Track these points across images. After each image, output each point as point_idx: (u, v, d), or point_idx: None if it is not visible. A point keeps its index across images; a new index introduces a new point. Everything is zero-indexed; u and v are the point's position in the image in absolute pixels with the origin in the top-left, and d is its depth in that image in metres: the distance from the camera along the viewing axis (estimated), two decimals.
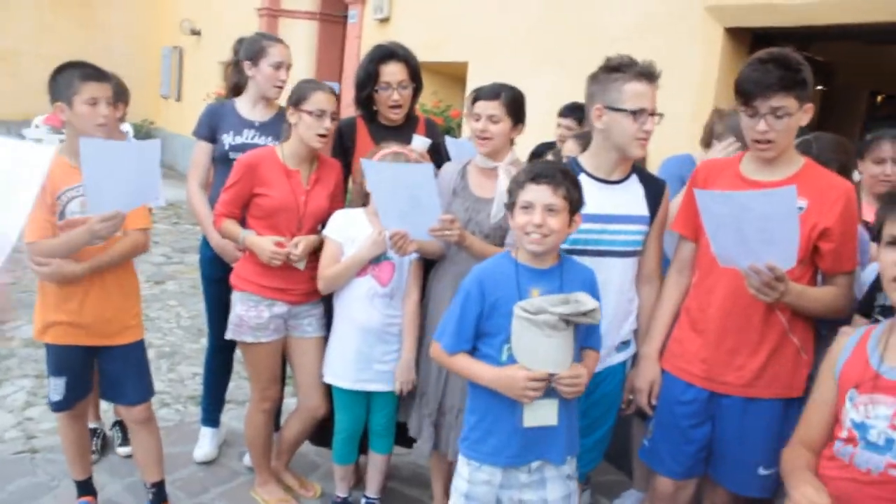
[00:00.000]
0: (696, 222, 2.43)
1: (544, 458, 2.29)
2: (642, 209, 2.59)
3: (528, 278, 2.23)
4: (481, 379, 2.23)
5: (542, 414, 2.21)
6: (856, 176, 2.96)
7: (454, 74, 6.89)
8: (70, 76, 2.65)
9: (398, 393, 3.01)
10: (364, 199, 3.01)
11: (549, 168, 2.22)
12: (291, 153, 3.01)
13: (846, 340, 1.77)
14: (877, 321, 2.17)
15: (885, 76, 7.52)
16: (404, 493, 3.58)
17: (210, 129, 3.44)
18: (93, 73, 2.67)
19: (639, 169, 2.67)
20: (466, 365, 2.27)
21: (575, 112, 3.82)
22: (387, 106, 3.22)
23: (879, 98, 7.97)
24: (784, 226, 2.07)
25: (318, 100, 2.91)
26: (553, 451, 2.29)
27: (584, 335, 2.27)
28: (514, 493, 2.31)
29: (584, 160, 2.61)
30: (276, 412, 3.47)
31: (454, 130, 6.43)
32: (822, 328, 2.44)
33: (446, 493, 3.24)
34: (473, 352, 2.29)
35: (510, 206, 2.24)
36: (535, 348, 2.12)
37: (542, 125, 3.89)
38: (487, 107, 2.82)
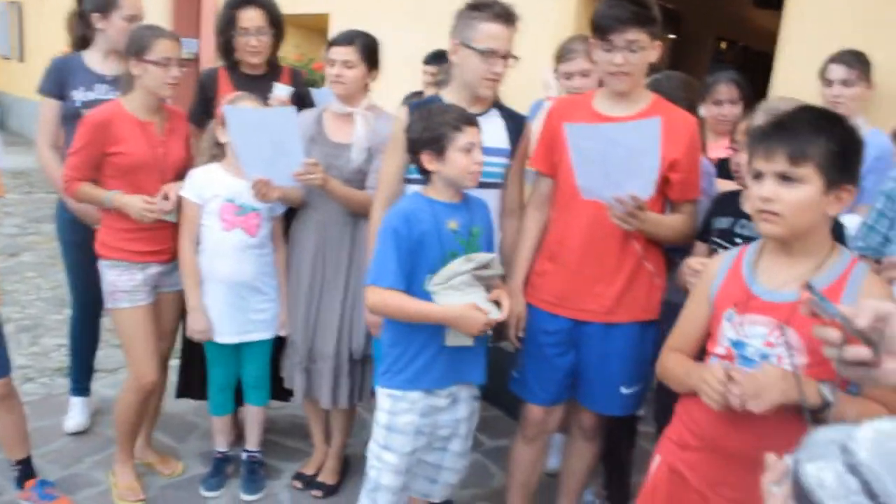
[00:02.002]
0: (554, 158, 2.53)
1: (464, 380, 2.44)
2: (503, 142, 2.64)
3: (443, 212, 2.31)
4: (441, 317, 2.27)
5: (463, 334, 2.33)
6: (701, 112, 3.14)
7: (315, 27, 6.76)
8: None
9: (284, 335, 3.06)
10: (218, 152, 2.95)
11: None
12: (140, 105, 2.85)
13: (718, 263, 1.88)
14: (714, 243, 2.36)
15: (729, 23, 7.94)
16: (284, 445, 3.61)
17: (58, 84, 3.23)
18: None
19: (499, 104, 2.72)
20: (421, 307, 2.27)
21: (439, 59, 3.87)
22: (245, 51, 3.14)
23: (724, 44, 8.40)
24: (646, 157, 2.18)
25: (163, 48, 2.77)
26: (472, 371, 2.45)
27: None
28: (433, 418, 2.41)
29: (446, 95, 2.65)
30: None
31: (318, 83, 6.34)
32: (674, 255, 2.61)
33: (325, 440, 3.32)
34: None
35: (439, 149, 2.27)
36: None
37: (400, 75, 3.91)
38: (342, 52, 2.86)
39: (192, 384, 3.37)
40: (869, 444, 0.77)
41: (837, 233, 2.15)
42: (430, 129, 2.27)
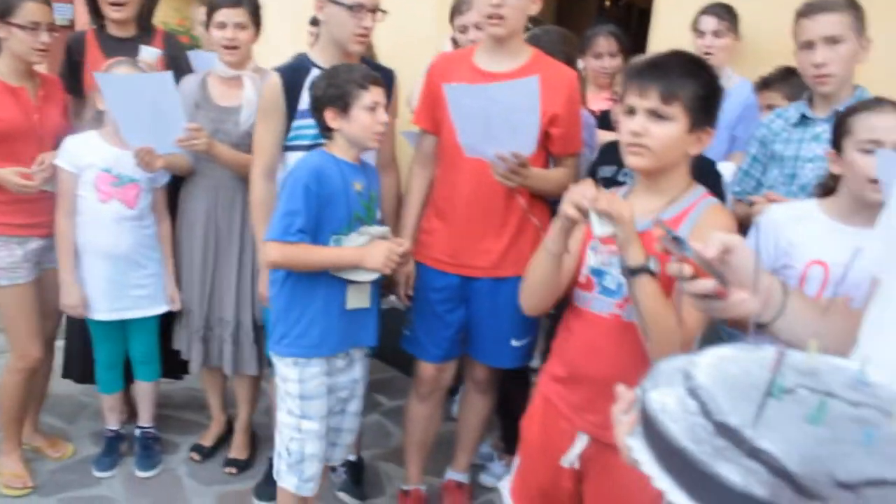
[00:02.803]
0: (437, 115, 2.52)
1: (360, 343, 2.45)
2: None
3: (349, 173, 2.29)
4: (347, 256, 2.25)
5: (362, 296, 2.35)
6: (579, 65, 3.19)
7: None
8: None
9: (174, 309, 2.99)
10: (98, 120, 2.82)
11: None
12: (9, 70, 2.70)
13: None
14: None
15: None
16: (181, 418, 3.54)
17: None
18: None
19: (367, 60, 2.69)
20: (328, 252, 2.25)
21: None
22: (107, 5, 2.98)
23: (607, 2, 8.56)
24: (526, 115, 2.20)
25: (30, 11, 2.61)
26: (367, 333, 2.46)
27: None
28: (333, 379, 2.41)
29: (314, 54, 2.60)
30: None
31: (201, 46, 6.12)
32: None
33: (223, 409, 3.27)
34: None
35: (343, 106, 2.23)
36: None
37: (283, 36, 3.82)
38: (234, 14, 2.76)
39: (77, 367, 3.23)
40: (708, 368, 0.81)
41: (714, 180, 2.24)
42: (335, 85, 2.24)
